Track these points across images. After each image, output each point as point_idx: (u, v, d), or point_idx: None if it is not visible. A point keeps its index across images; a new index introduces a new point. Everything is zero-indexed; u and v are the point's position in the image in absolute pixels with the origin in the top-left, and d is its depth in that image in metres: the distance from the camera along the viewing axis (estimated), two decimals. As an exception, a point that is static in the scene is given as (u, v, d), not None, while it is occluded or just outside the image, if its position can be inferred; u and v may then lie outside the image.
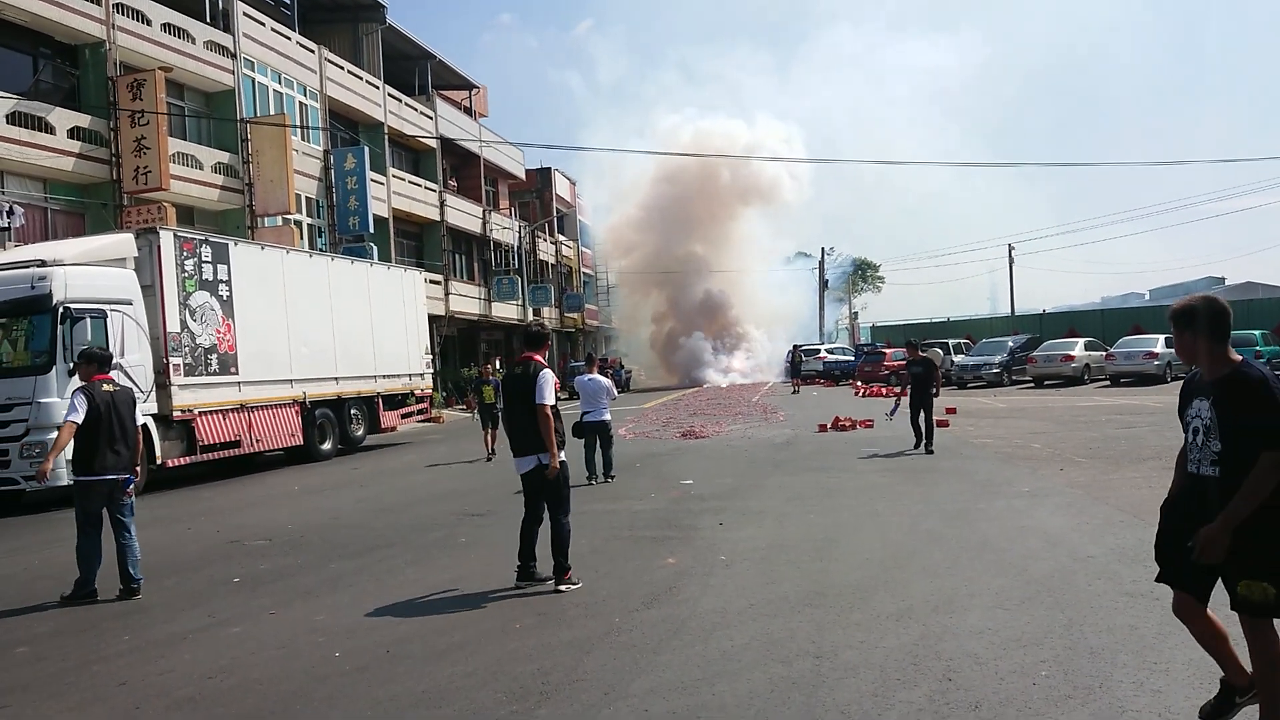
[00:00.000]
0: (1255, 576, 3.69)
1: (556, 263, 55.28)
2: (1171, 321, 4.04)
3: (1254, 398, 3.70)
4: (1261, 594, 3.68)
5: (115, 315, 14.97)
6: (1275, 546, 3.69)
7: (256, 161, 27.46)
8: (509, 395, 7.61)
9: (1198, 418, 3.95)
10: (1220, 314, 3.94)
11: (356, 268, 22.30)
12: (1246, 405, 3.72)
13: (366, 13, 35.94)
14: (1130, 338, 33.88)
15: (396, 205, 35.63)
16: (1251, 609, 3.74)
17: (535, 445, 7.38)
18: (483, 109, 49.52)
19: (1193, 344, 3.95)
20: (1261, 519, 3.68)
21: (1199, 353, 3.94)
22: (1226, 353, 3.92)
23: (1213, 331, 3.90)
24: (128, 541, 7.97)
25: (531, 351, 7.63)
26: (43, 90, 22.27)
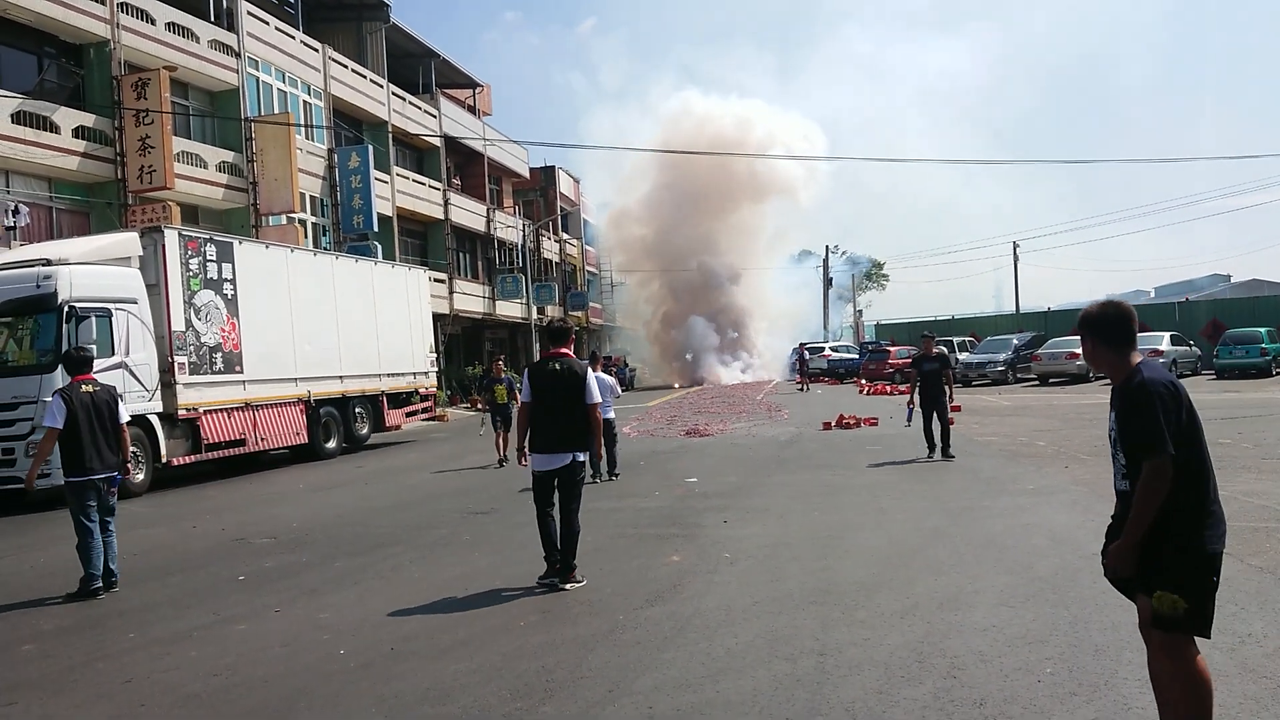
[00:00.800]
0: (1167, 588, 3.52)
1: (560, 261, 55.30)
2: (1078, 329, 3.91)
3: (1132, 404, 3.57)
4: (1172, 607, 3.51)
5: (120, 314, 15.00)
6: (1188, 557, 3.52)
7: (261, 160, 27.49)
8: (545, 391, 7.49)
9: (1112, 429, 3.81)
10: (1112, 320, 3.77)
11: (361, 266, 22.31)
12: (1129, 413, 3.59)
13: (370, 11, 35.94)
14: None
15: (401, 204, 35.65)
16: (1162, 622, 3.55)
17: (573, 443, 7.44)
18: (486, 107, 49.54)
19: (1092, 352, 3.82)
20: (1174, 529, 3.52)
21: (1100, 361, 3.81)
22: (1125, 360, 3.74)
23: (1108, 339, 3.75)
24: (109, 538, 8.10)
25: (559, 346, 7.65)
26: (48, 90, 22.31)
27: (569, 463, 7.41)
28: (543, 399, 7.48)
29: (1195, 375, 32.89)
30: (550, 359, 7.60)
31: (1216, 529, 3.59)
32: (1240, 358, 30.96)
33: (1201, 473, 3.59)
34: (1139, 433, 3.52)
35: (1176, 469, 3.49)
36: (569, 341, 7.78)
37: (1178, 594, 3.49)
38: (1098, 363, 3.83)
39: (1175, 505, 3.51)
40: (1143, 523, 3.51)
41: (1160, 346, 31.44)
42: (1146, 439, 3.50)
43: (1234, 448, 13.31)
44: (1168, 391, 3.57)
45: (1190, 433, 3.57)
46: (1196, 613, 3.52)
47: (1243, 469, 11.37)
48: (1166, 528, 3.52)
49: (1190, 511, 3.55)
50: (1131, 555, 3.56)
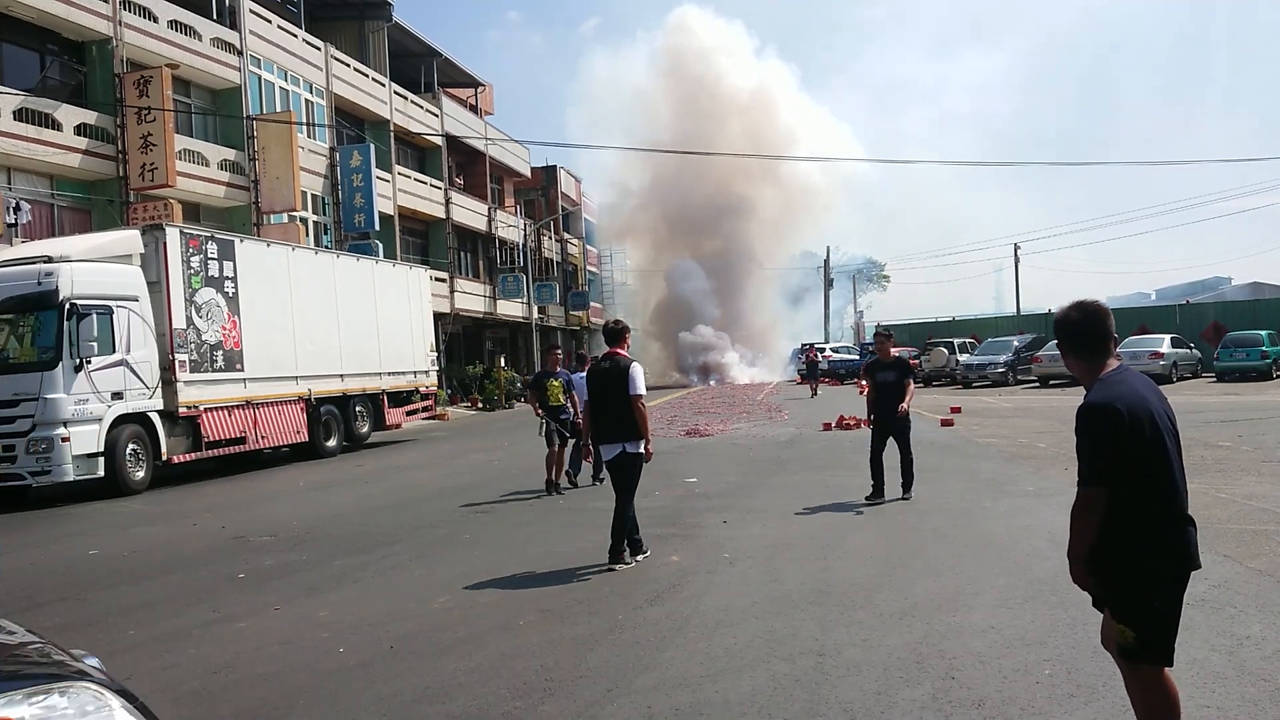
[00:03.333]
0: (1114, 618, 3.42)
1: (562, 260, 55.28)
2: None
3: (1076, 426, 3.38)
4: (1121, 636, 3.39)
5: (121, 311, 15.01)
6: (1125, 587, 3.39)
7: (262, 158, 27.50)
8: (596, 388, 8.08)
9: None
10: (1076, 324, 3.51)
11: (362, 265, 22.33)
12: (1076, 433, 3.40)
13: (373, 10, 35.94)
14: (1136, 337, 33.79)
15: (402, 203, 35.66)
16: (1117, 650, 3.46)
17: (621, 434, 7.89)
18: (488, 107, 49.55)
19: (1064, 359, 3.61)
20: (1108, 558, 3.38)
21: (1070, 369, 3.60)
22: (1095, 369, 3.48)
23: (1073, 344, 3.53)
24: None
25: (615, 346, 8.15)
26: (50, 87, 22.32)
27: (620, 453, 7.95)
28: (595, 396, 8.11)
29: (1196, 378, 32.89)
30: (605, 358, 8.16)
31: (1168, 555, 3.36)
32: (1241, 360, 30.96)
33: (1153, 497, 3.34)
34: (1077, 458, 3.37)
35: (1117, 496, 3.28)
36: (624, 341, 8.22)
37: (1125, 624, 3.38)
38: (1071, 370, 3.60)
39: (1113, 534, 3.33)
40: (1077, 544, 3.39)
41: (1161, 349, 31.48)
42: (1080, 466, 3.35)
43: (1234, 450, 13.31)
44: (1111, 414, 3.28)
45: (1145, 452, 3.30)
46: (1147, 643, 3.36)
47: (1242, 472, 11.37)
48: (1105, 555, 3.38)
49: (1130, 540, 3.33)
50: (1078, 572, 3.45)
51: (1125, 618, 3.38)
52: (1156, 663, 3.42)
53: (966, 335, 43.46)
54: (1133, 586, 3.38)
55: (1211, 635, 5.46)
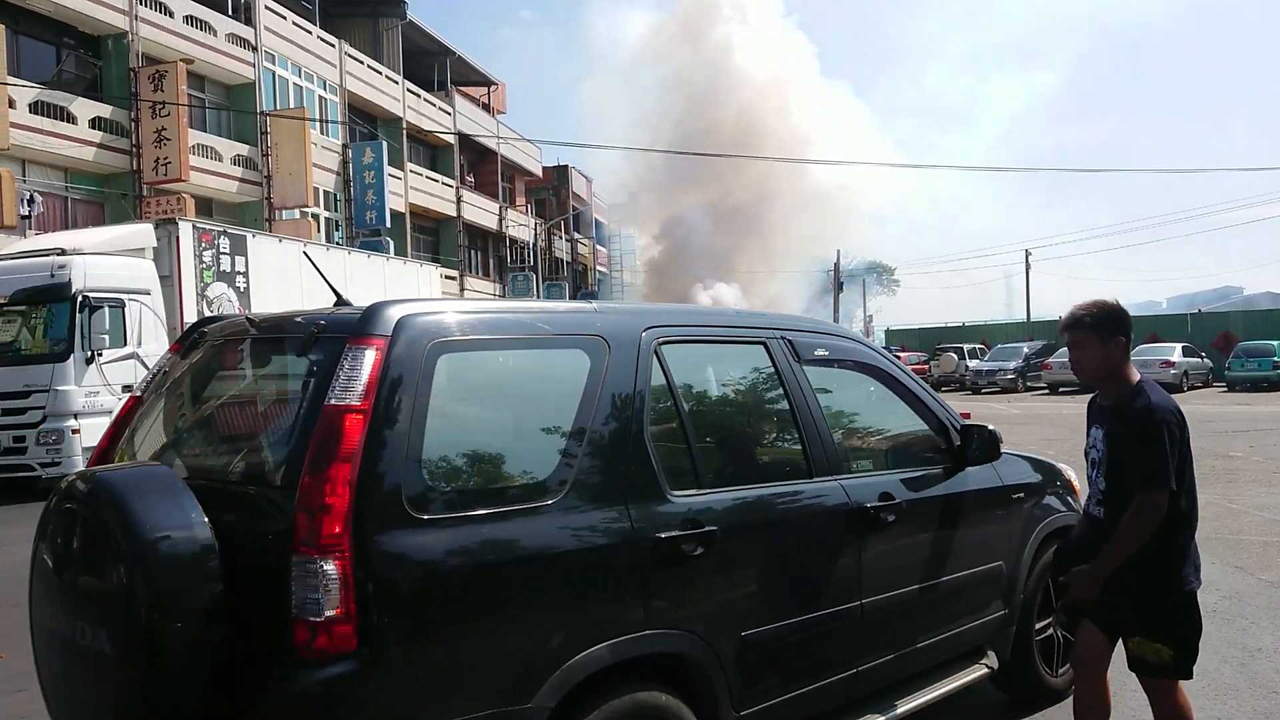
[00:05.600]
0: (1150, 637, 3.28)
1: (572, 260, 55.33)
2: (1063, 332, 3.50)
3: (1138, 429, 3.22)
4: (1155, 655, 3.29)
5: (133, 305, 15.03)
6: (1170, 605, 3.30)
7: (275, 154, 27.58)
8: None
9: (1094, 449, 3.46)
10: (1124, 319, 3.37)
11: (373, 262, 22.36)
12: (1132, 438, 3.24)
13: (387, 8, 36.04)
14: (1147, 345, 33.68)
15: (413, 200, 35.72)
16: (1145, 669, 3.35)
17: None
18: (501, 106, 49.61)
19: (1102, 356, 3.35)
20: (1153, 575, 3.27)
21: (1105, 368, 3.37)
22: (1125, 371, 3.35)
23: (1119, 331, 3.34)
24: None
25: None
26: (65, 80, 22.42)
27: None
28: None
29: (1207, 387, 32.76)
30: None
31: (1196, 569, 3.37)
32: (1252, 370, 30.84)
33: (1191, 513, 3.33)
34: (1141, 462, 3.21)
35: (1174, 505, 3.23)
36: None
37: (1162, 643, 3.28)
38: (1101, 369, 3.38)
39: (1160, 547, 3.25)
40: (1123, 555, 3.24)
41: (1172, 358, 31.36)
42: (1149, 470, 3.19)
43: (1245, 461, 13.25)
44: (1175, 420, 3.25)
45: (1185, 468, 3.27)
46: (1185, 659, 3.32)
47: (1253, 482, 11.32)
48: (1149, 571, 3.27)
49: (1174, 554, 3.29)
50: (1099, 582, 3.30)
51: (1165, 635, 3.29)
52: (1185, 675, 3.35)
53: (976, 341, 43.35)
54: (1178, 602, 3.31)
55: (1223, 647, 5.43)
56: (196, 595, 2.53)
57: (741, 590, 3.33)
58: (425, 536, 2.60)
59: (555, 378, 3.17)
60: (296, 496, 2.49)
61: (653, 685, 2.96)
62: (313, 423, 2.61)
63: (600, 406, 3.06)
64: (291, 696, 2.46)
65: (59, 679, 2.90)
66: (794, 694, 3.40)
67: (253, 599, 2.58)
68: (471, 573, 2.68)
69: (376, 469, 2.55)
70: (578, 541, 2.87)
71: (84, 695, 2.76)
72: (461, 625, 2.65)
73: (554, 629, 2.78)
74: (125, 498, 2.61)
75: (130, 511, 2.57)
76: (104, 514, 2.63)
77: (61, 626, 2.78)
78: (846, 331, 4.52)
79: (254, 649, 2.56)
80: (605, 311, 3.37)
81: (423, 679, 2.56)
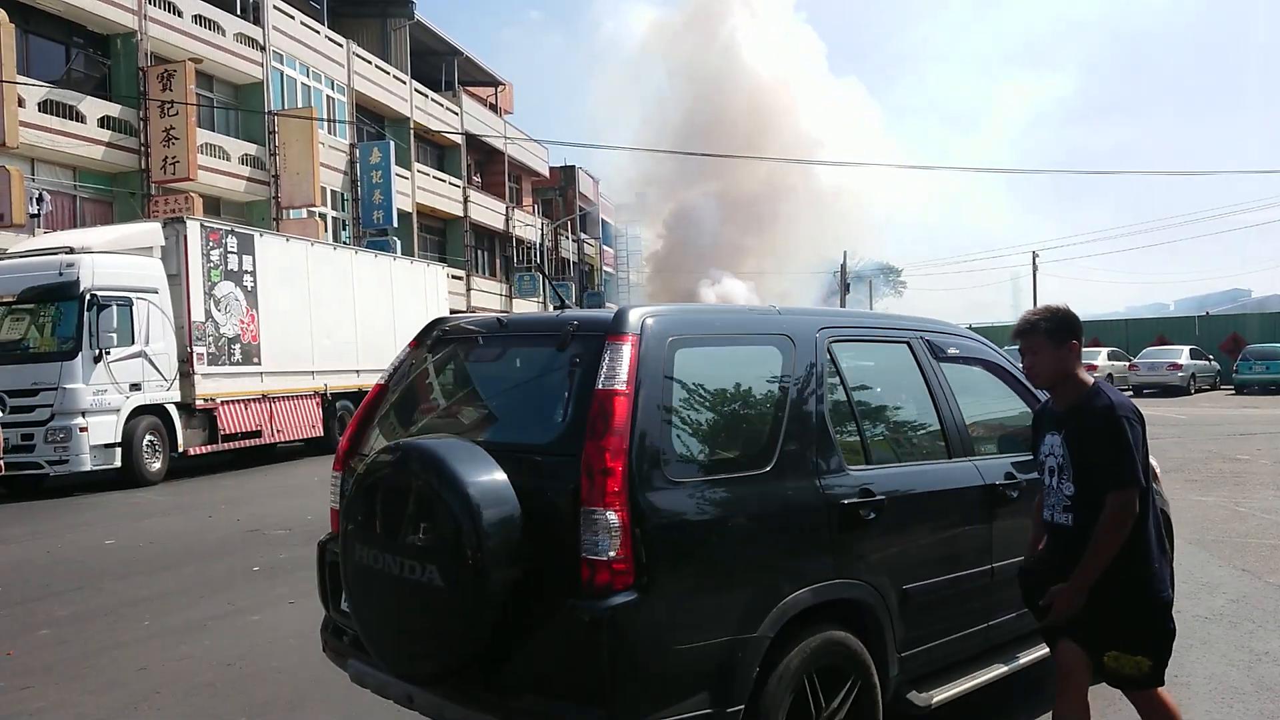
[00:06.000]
0: (1127, 650, 3.21)
1: (578, 260, 55.36)
2: (1016, 338, 3.46)
3: (1101, 428, 3.20)
4: (1135, 667, 3.21)
5: (141, 303, 15.09)
6: (1147, 616, 3.23)
7: (283, 154, 27.63)
8: None
9: (1051, 455, 3.39)
10: (1065, 324, 3.35)
11: (380, 261, 22.38)
12: (1097, 437, 3.21)
13: (395, 8, 36.10)
14: (1154, 348, 33.62)
15: (420, 200, 35.77)
16: (1124, 682, 3.28)
17: None
18: (508, 106, 49.64)
19: (1055, 360, 3.35)
20: (1127, 586, 3.20)
21: (1059, 372, 3.36)
22: (1078, 374, 3.35)
23: (1072, 336, 3.35)
24: None
25: None
26: (74, 79, 22.50)
27: None
28: None
29: (1214, 390, 32.66)
30: None
31: (1170, 576, 3.35)
32: (1260, 373, 30.73)
33: (1156, 514, 3.32)
34: (1112, 461, 3.16)
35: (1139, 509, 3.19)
36: None
37: (1142, 655, 3.20)
38: (1055, 374, 3.36)
39: (1131, 555, 3.19)
40: (1104, 560, 3.16)
41: (1180, 361, 31.27)
42: (1121, 469, 3.14)
43: (1252, 464, 13.21)
44: (1138, 418, 3.23)
45: (1146, 469, 3.24)
46: (1162, 667, 3.25)
47: (1261, 485, 11.28)
48: (1123, 583, 3.20)
49: (1148, 559, 3.24)
50: (1084, 594, 3.20)
51: (1144, 647, 3.22)
52: (1158, 684, 3.28)
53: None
54: (1155, 612, 3.24)
55: (1230, 650, 5.42)
56: (505, 539, 3.12)
57: (903, 550, 3.91)
58: (677, 494, 3.23)
59: (757, 368, 3.76)
60: (582, 462, 3.09)
61: (839, 625, 3.53)
62: (586, 402, 3.21)
63: (792, 392, 3.69)
64: (583, 621, 3.02)
65: (380, 606, 3.47)
66: (942, 640, 4.03)
67: (542, 543, 3.16)
68: (712, 525, 3.29)
69: (640, 440, 3.15)
70: (786, 503, 3.50)
71: (411, 617, 3.35)
72: (706, 566, 3.25)
73: (772, 574, 3.39)
74: (447, 462, 3.22)
75: (453, 473, 3.18)
76: (430, 475, 3.23)
77: (387, 566, 3.34)
78: (971, 334, 5.01)
79: (544, 583, 3.15)
80: (787, 314, 3.98)
81: (681, 609, 3.14)
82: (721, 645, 3.21)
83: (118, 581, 8.04)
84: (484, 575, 3.08)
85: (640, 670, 3.06)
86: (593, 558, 3.03)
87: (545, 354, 3.69)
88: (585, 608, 3.02)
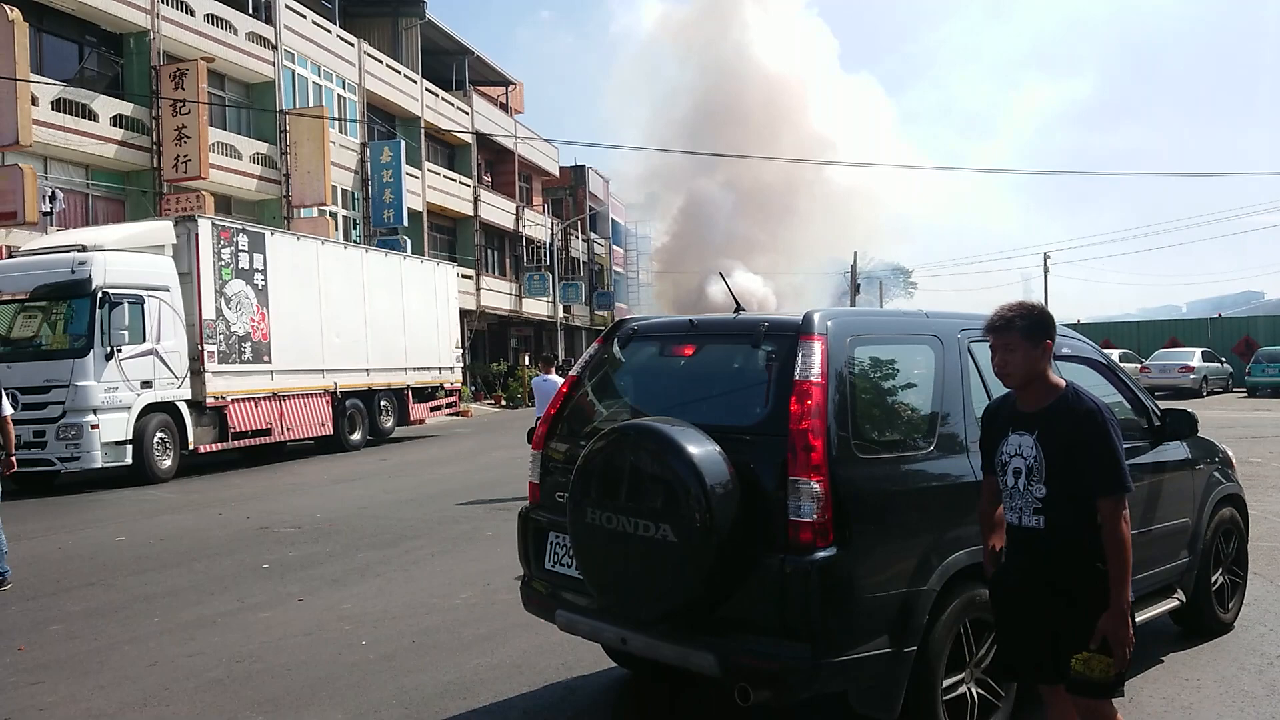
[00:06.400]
0: (1103, 650, 3.06)
1: (588, 260, 55.36)
2: (990, 334, 3.33)
3: (1086, 431, 3.13)
4: (1103, 671, 3.05)
5: (152, 301, 15.16)
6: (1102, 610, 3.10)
7: (294, 153, 27.71)
8: None
9: (1018, 456, 3.26)
10: (1041, 324, 3.26)
11: (390, 260, 22.43)
12: (1082, 440, 3.13)
13: (406, 7, 36.15)
14: (1166, 350, 33.48)
15: (431, 199, 35.82)
16: (1088, 688, 3.10)
17: None
18: (519, 105, 49.67)
19: (1006, 363, 3.26)
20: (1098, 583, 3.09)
21: (1033, 372, 3.26)
22: (1049, 375, 3.28)
23: (1034, 345, 3.23)
24: None
25: None
26: (87, 78, 22.58)
27: None
28: None
29: (1227, 392, 32.50)
30: None
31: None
32: (1273, 376, 30.58)
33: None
34: (1103, 468, 3.09)
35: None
36: None
37: (1109, 655, 3.05)
38: (1028, 374, 3.25)
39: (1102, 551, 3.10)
40: (1128, 571, 3.04)
41: (1191, 363, 31.13)
42: (1114, 474, 3.08)
43: (1264, 467, 13.15)
44: (1114, 419, 3.18)
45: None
46: (1123, 673, 3.14)
47: (1272, 488, 11.24)
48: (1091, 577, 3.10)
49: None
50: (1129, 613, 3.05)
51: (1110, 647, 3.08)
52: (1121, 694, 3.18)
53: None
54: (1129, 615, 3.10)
55: (1241, 653, 5.40)
56: (726, 502, 3.67)
57: None
58: (864, 468, 3.82)
59: (914, 363, 4.37)
60: (788, 440, 3.68)
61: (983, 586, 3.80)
62: (787, 391, 3.81)
63: (943, 384, 4.26)
64: (792, 572, 3.58)
65: (613, 560, 3.95)
66: None
67: (753, 507, 3.72)
68: (892, 494, 3.90)
69: (834, 421, 3.74)
70: (946, 477, 4.08)
71: (645, 568, 3.83)
72: (888, 529, 3.82)
73: (938, 536, 3.92)
74: (677, 439, 3.77)
75: (683, 448, 3.73)
76: (662, 449, 3.78)
77: (622, 526, 3.88)
78: (1079, 336, 5.57)
79: (751, 540, 3.71)
80: (934, 317, 4.58)
81: (869, 564, 3.71)
82: (900, 596, 3.76)
83: (129, 578, 8.08)
84: (710, 532, 3.61)
85: (838, 614, 3.61)
86: (798, 519, 3.61)
87: (739, 350, 4.34)
88: (793, 561, 3.58)
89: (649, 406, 4.49)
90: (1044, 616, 3.20)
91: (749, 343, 4.20)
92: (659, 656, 3.99)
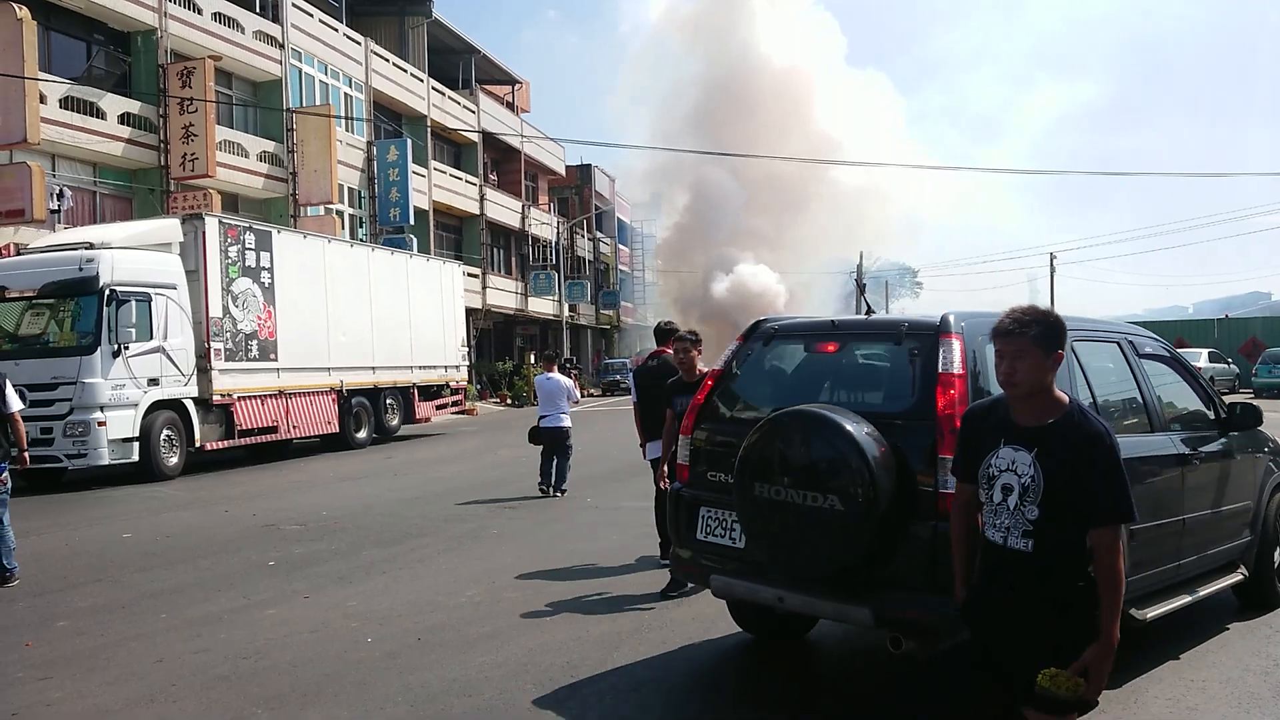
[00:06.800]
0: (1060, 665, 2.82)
1: (594, 259, 55.37)
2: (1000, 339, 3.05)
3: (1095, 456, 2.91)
4: (1071, 689, 2.78)
5: (159, 299, 15.20)
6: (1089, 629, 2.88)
7: (301, 151, 27.75)
8: (642, 387, 8.09)
9: (1010, 472, 3.00)
10: (1056, 333, 3.02)
11: (396, 259, 22.47)
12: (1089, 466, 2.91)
13: (413, 6, 36.21)
14: (1173, 351, 33.27)
15: (437, 198, 35.87)
16: (1054, 706, 2.81)
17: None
18: (525, 104, 49.70)
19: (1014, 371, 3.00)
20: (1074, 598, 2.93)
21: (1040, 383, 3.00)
22: (1054, 389, 3.04)
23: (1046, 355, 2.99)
24: (2, 531, 7.78)
25: (662, 346, 8.18)
26: (95, 76, 22.63)
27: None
28: (642, 395, 8.08)
29: (1233, 393, 32.40)
30: (652, 357, 8.30)
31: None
32: (1280, 377, 30.48)
33: None
34: (1111, 495, 2.89)
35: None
36: (670, 341, 7.94)
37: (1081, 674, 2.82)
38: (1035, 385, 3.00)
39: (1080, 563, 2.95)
40: (1120, 598, 2.88)
41: (1197, 364, 31.02)
42: (1122, 502, 2.89)
43: (1271, 468, 13.10)
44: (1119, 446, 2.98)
45: None
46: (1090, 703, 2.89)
47: None
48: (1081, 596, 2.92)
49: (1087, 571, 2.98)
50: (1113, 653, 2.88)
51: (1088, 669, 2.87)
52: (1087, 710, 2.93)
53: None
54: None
55: (1247, 656, 5.39)
56: (885, 476, 4.16)
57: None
58: None
59: None
60: (936, 424, 4.23)
61: None
62: (932, 383, 4.36)
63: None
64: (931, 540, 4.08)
65: (783, 528, 4.38)
66: (1151, 571, 5.01)
67: (904, 480, 4.22)
68: None
69: None
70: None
71: (814, 534, 4.28)
72: None
73: None
74: (841, 422, 4.26)
75: (846, 429, 4.23)
76: (828, 430, 4.27)
77: (791, 498, 4.34)
78: (1156, 337, 6.01)
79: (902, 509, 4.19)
80: None
81: None
82: None
83: (135, 574, 8.11)
84: (873, 502, 4.10)
85: None
86: (947, 491, 4.01)
87: (882, 347, 4.90)
88: (945, 527, 3.73)
89: (801, 396, 4.91)
90: (1039, 632, 2.95)
91: (891, 341, 4.76)
92: (815, 612, 4.60)
